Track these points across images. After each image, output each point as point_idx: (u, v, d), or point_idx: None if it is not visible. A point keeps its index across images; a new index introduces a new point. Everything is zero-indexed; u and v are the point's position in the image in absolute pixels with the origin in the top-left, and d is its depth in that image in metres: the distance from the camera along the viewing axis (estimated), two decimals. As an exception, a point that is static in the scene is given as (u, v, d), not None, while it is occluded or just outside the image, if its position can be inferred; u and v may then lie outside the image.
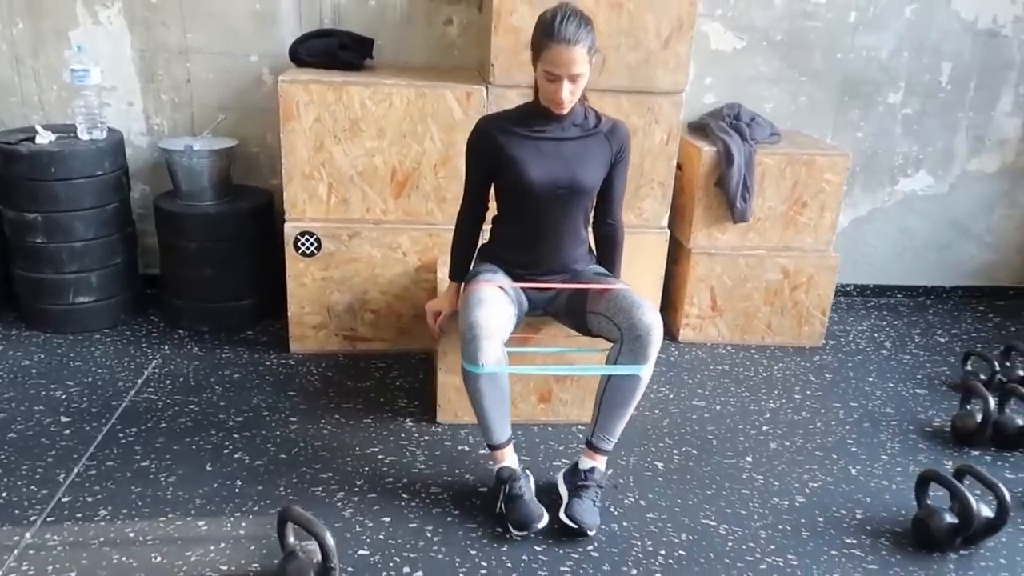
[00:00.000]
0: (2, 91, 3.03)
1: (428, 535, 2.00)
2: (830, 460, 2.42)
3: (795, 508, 2.18)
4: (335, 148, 2.67)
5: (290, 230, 2.74)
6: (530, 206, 2.13)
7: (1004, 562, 2.01)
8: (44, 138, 2.79)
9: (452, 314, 2.31)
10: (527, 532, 2.00)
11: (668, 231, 2.95)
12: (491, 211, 2.28)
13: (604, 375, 2.09)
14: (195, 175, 2.89)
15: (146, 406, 2.49)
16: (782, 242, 3.08)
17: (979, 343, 3.27)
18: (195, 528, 1.98)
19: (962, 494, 2.01)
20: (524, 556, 1.95)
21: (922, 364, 3.08)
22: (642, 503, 2.17)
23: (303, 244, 2.75)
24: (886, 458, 2.44)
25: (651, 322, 2.03)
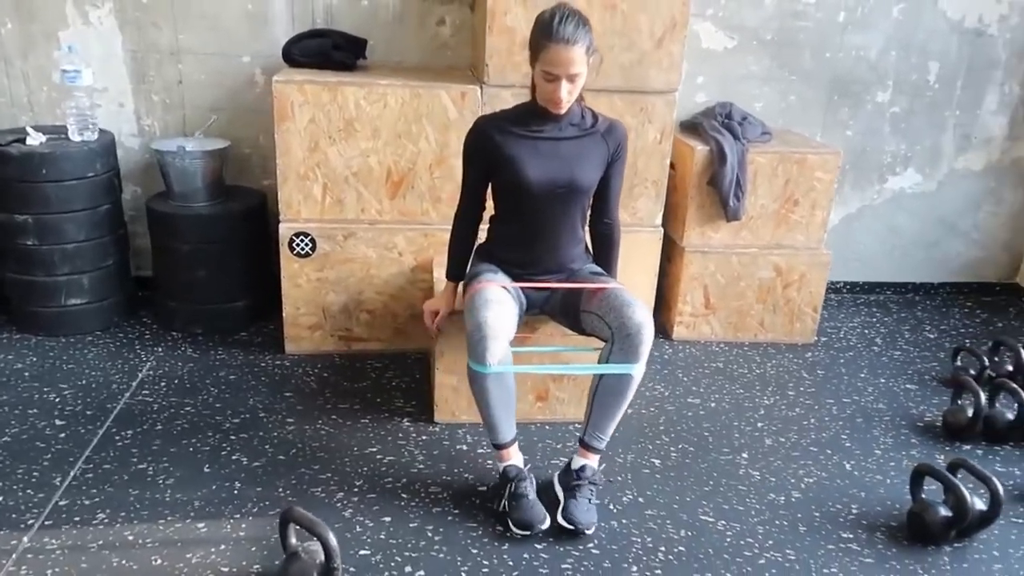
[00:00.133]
0: (-9, 92, 3.01)
1: (429, 534, 2.01)
2: (824, 455, 2.44)
3: (792, 503, 2.21)
4: (330, 149, 2.67)
5: (285, 231, 2.73)
6: (528, 206, 2.14)
7: (997, 554, 2.05)
8: (35, 139, 2.77)
9: (449, 314, 2.32)
10: (529, 532, 2.00)
11: (662, 230, 2.97)
12: (488, 211, 2.29)
13: (596, 374, 2.10)
14: (187, 176, 2.88)
15: (141, 408, 2.48)
16: (774, 240, 3.11)
17: (967, 338, 3.31)
18: (195, 530, 1.97)
19: (957, 488, 2.03)
20: (525, 554, 1.96)
21: (912, 360, 3.12)
22: (640, 500, 2.19)
23: (298, 245, 2.74)
24: (879, 453, 2.47)
25: (641, 321, 2.04)
